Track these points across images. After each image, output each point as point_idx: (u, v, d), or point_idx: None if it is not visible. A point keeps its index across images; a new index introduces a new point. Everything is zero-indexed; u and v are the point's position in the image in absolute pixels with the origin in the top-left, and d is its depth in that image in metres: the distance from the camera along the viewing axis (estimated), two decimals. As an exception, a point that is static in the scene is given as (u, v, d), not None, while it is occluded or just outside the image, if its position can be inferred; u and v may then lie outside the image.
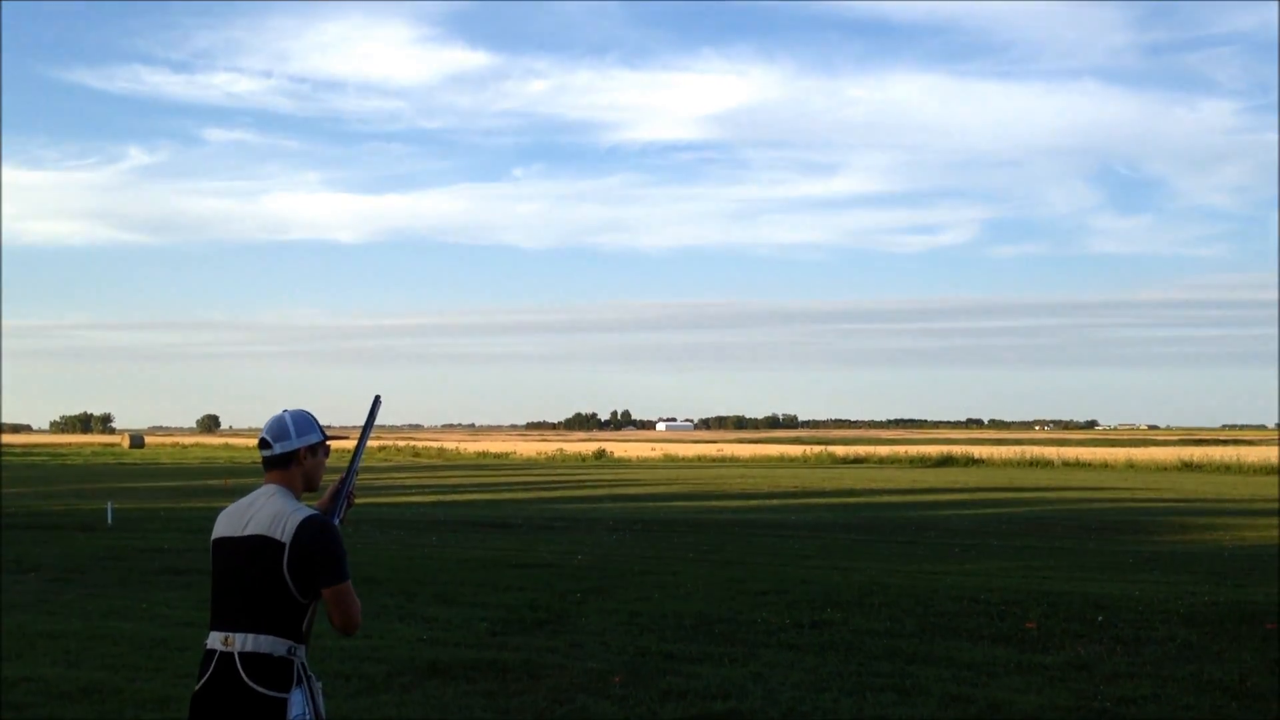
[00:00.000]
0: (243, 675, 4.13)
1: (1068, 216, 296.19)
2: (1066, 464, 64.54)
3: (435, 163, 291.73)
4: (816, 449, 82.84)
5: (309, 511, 4.30)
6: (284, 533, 4.21)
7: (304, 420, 4.46)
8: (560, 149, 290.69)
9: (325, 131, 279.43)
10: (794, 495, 38.62)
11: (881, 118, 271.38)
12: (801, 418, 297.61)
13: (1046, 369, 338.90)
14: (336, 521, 4.48)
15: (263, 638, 4.17)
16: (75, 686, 9.22)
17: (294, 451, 4.41)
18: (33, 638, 11.20)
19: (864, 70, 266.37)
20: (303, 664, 4.23)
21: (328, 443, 4.55)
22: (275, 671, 4.16)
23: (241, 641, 4.17)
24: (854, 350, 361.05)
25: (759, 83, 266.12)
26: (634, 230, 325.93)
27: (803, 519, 27.63)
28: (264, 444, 4.42)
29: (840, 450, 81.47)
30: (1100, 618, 12.49)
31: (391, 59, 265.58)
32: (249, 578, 4.22)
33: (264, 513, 4.28)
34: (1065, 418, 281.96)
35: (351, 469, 4.63)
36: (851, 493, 40.11)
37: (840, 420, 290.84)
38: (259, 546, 4.22)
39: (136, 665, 10.03)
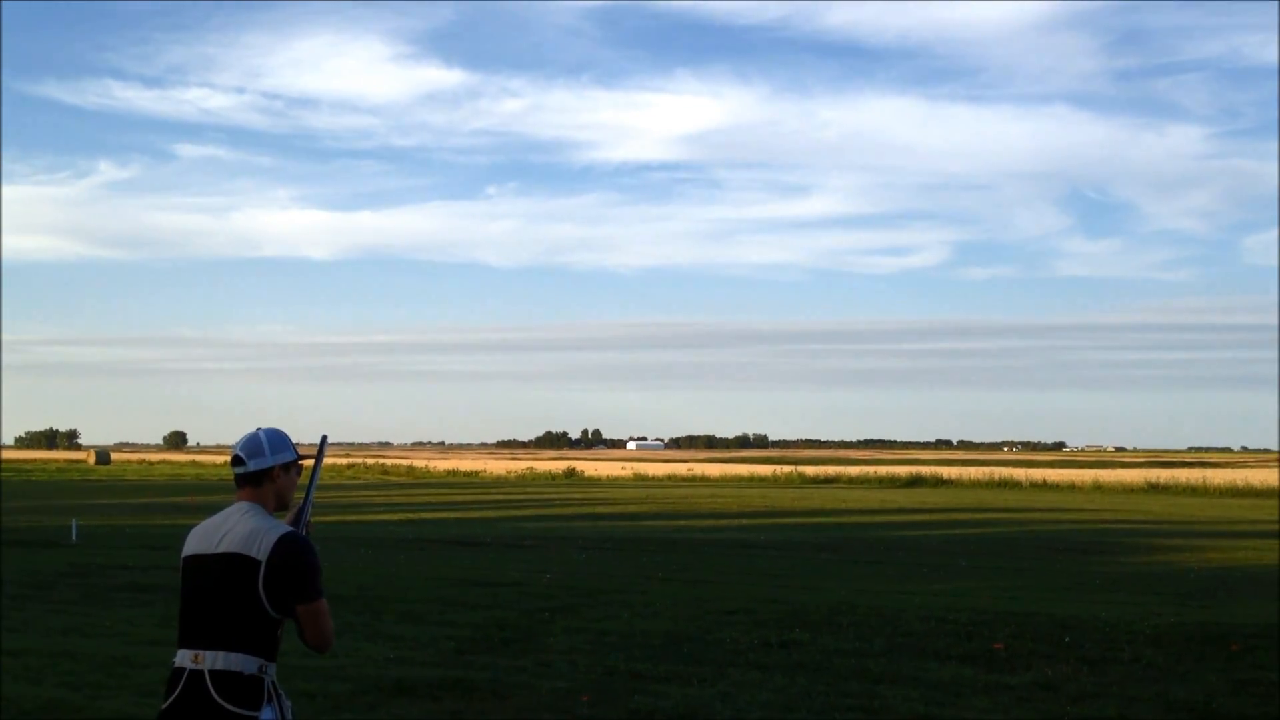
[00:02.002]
0: (213, 693, 4.09)
1: (1037, 239, 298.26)
2: (1034, 485, 64.85)
3: (408, 180, 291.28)
4: (786, 469, 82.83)
5: (286, 529, 4.27)
6: (260, 550, 4.18)
7: (278, 438, 4.44)
8: (534, 168, 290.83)
9: (298, 148, 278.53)
10: (763, 515, 38.64)
11: (854, 140, 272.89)
12: (772, 437, 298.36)
13: (1015, 390, 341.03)
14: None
15: (234, 655, 4.13)
16: (36, 704, 9.11)
17: (268, 469, 4.39)
18: (-7, 655, 11.05)
19: (837, 92, 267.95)
20: (273, 682, 4.20)
21: (300, 461, 4.52)
22: (246, 690, 4.12)
23: (212, 659, 4.13)
24: (825, 370, 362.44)
25: (733, 104, 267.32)
26: (607, 249, 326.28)
27: (772, 538, 27.64)
28: (237, 460, 4.38)
29: (810, 470, 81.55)
30: (1067, 638, 12.53)
31: (365, 77, 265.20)
32: (222, 595, 4.18)
33: (238, 530, 4.25)
34: (1033, 439, 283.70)
35: (305, 505, 4.56)
36: (821, 512, 40.17)
37: (810, 440, 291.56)
38: (233, 564, 4.18)
39: (99, 683, 9.91)
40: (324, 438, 4.80)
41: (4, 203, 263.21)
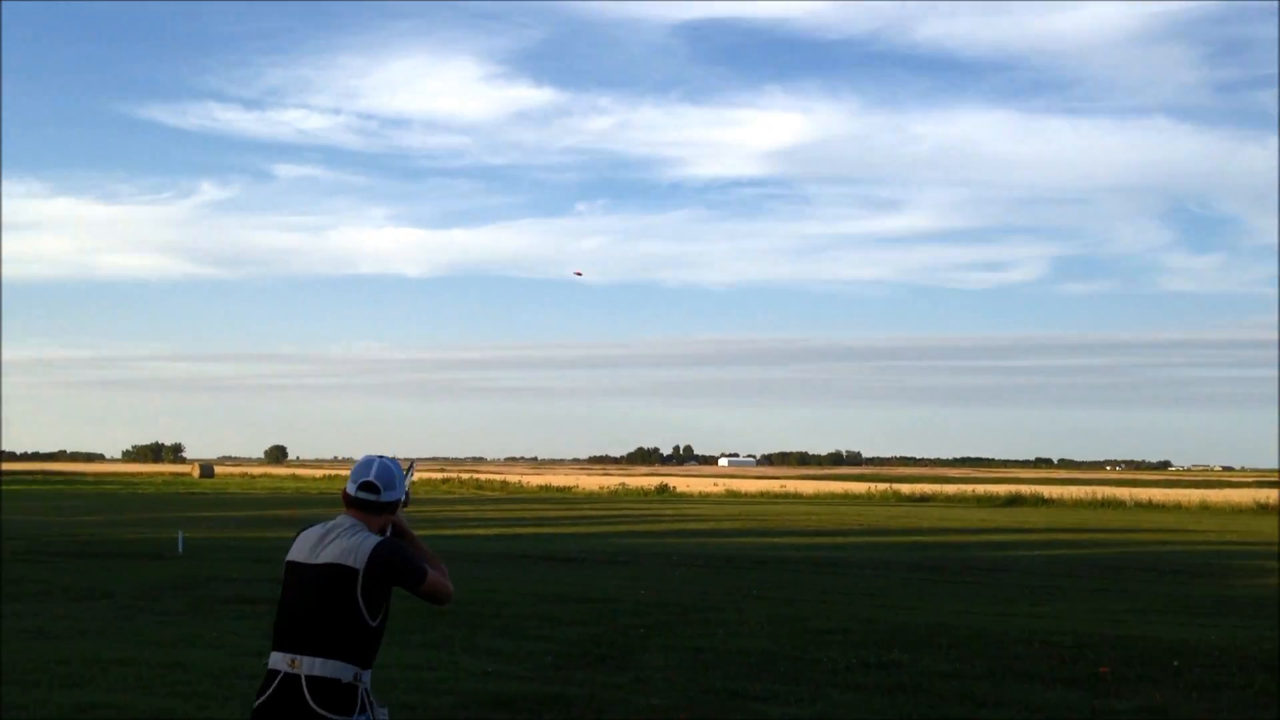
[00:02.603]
0: (308, 698, 4.18)
1: (1138, 254, 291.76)
2: (1139, 505, 63.43)
3: (500, 198, 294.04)
4: (881, 487, 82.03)
5: (379, 538, 4.44)
6: (358, 559, 4.32)
7: (402, 474, 4.66)
8: (624, 185, 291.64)
9: (392, 167, 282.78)
10: (858, 533, 38.28)
11: (947, 154, 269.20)
12: (866, 455, 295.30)
13: (1118, 408, 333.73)
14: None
15: (330, 662, 4.23)
16: (146, 713, 9.32)
17: (394, 502, 4.58)
18: (105, 664, 11.34)
19: (930, 106, 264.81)
20: (367, 690, 4.29)
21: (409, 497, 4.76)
22: (340, 696, 4.21)
23: (309, 665, 4.22)
24: (920, 388, 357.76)
25: (823, 119, 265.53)
26: (697, 266, 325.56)
27: (867, 557, 27.36)
28: (369, 487, 4.52)
29: (906, 488, 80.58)
30: (1175, 663, 12.22)
31: (458, 96, 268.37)
32: (322, 603, 4.29)
33: (340, 543, 4.37)
34: (1137, 458, 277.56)
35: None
36: (918, 531, 39.67)
37: (905, 458, 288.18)
38: (333, 573, 4.31)
39: (207, 693, 10.12)
40: (411, 463, 4.98)
41: (113, 223, 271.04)
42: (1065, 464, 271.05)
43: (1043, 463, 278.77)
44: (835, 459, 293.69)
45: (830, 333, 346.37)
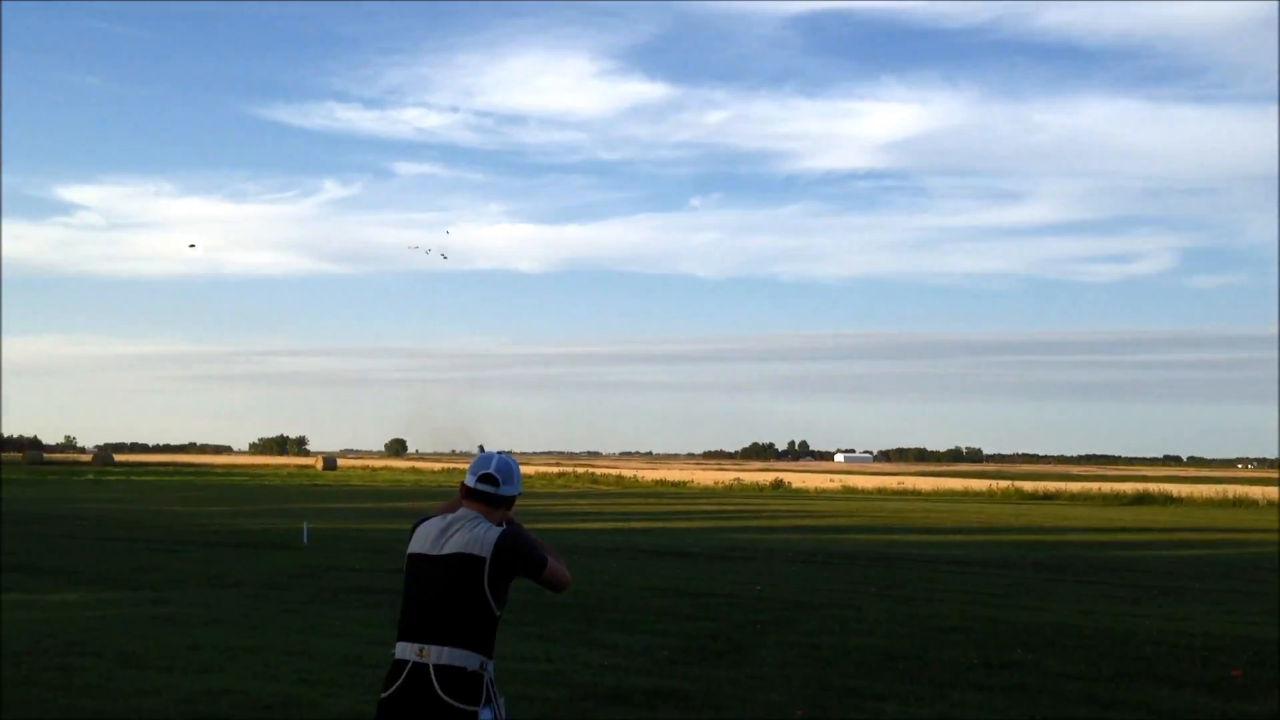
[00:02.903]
0: (436, 687, 4.25)
1: (1270, 245, 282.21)
2: (1271, 504, 61.34)
3: (614, 193, 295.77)
4: (1003, 484, 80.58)
5: (501, 527, 4.52)
6: (484, 548, 4.39)
7: (519, 471, 4.72)
8: (738, 179, 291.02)
9: (508, 164, 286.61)
10: (979, 531, 37.65)
11: (1070, 144, 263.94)
12: (986, 451, 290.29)
13: (1250, 404, 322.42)
14: None
15: (458, 651, 4.30)
16: (274, 699, 9.55)
17: (512, 497, 4.66)
18: (234, 651, 11.65)
19: (1052, 95, 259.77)
20: (490, 679, 4.34)
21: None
22: (468, 685, 4.27)
23: (437, 654, 4.30)
24: (1042, 382, 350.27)
25: (941, 110, 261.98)
26: (812, 259, 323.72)
27: (989, 555, 26.90)
28: (488, 479, 4.60)
29: (1028, 485, 79.06)
30: (1313, 668, 11.79)
31: (572, 92, 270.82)
32: (449, 593, 4.36)
33: (463, 534, 4.45)
34: (1270, 455, 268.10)
35: None
36: (1040, 529, 38.89)
37: (1028, 455, 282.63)
38: (460, 563, 4.39)
39: (332, 680, 10.34)
40: (480, 448, 5.06)
41: (239, 222, 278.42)
42: (1195, 461, 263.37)
43: (1171, 460, 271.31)
44: (954, 455, 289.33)
45: (949, 327, 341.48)
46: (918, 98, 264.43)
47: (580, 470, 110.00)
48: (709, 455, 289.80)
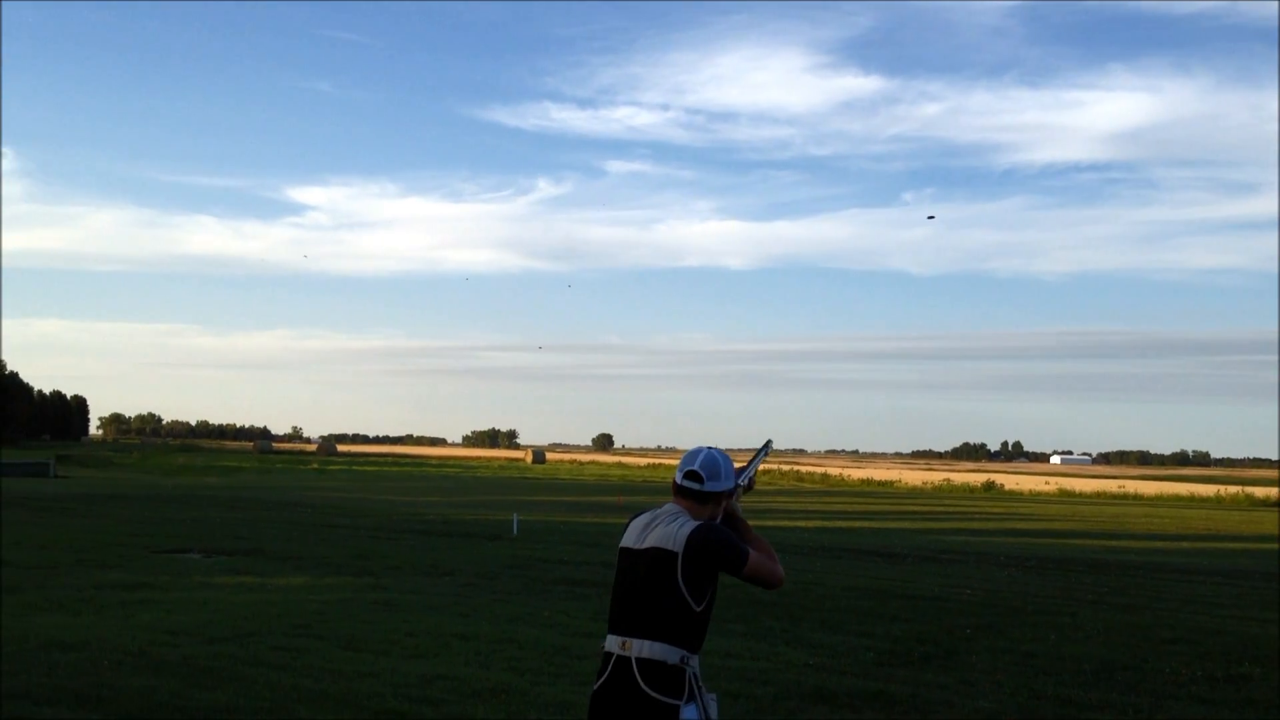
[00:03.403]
0: (639, 680, 4.30)
1: None
2: None
3: (824, 189, 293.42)
4: (1232, 489, 76.79)
5: (698, 521, 4.47)
6: (677, 543, 4.39)
7: (729, 466, 4.66)
8: (953, 172, 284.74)
9: (718, 161, 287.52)
10: (1205, 538, 35.93)
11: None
12: (1214, 455, 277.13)
13: None
14: (744, 483, 4.83)
15: (658, 645, 4.33)
16: (485, 686, 9.83)
17: (719, 493, 4.60)
18: (447, 638, 12.04)
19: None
20: (695, 674, 4.35)
21: (737, 488, 4.74)
22: (669, 679, 4.30)
23: (638, 647, 4.34)
24: (1275, 383, 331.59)
25: (1172, 98, 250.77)
26: (1030, 255, 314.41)
27: (1216, 564, 25.65)
28: (693, 476, 4.59)
29: (1259, 492, 75.09)
30: None
31: (784, 88, 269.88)
32: (648, 588, 4.41)
33: (662, 529, 4.47)
34: None
35: (752, 465, 5.00)
36: (1272, 538, 36.86)
37: (1259, 459, 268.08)
38: (656, 558, 4.42)
39: (540, 669, 10.57)
40: (768, 442, 5.11)
41: (457, 220, 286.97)
42: None
43: None
44: (1180, 459, 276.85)
45: (1176, 325, 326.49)
46: (1146, 86, 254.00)
47: (785, 468, 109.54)
48: (917, 455, 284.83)
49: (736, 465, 4.79)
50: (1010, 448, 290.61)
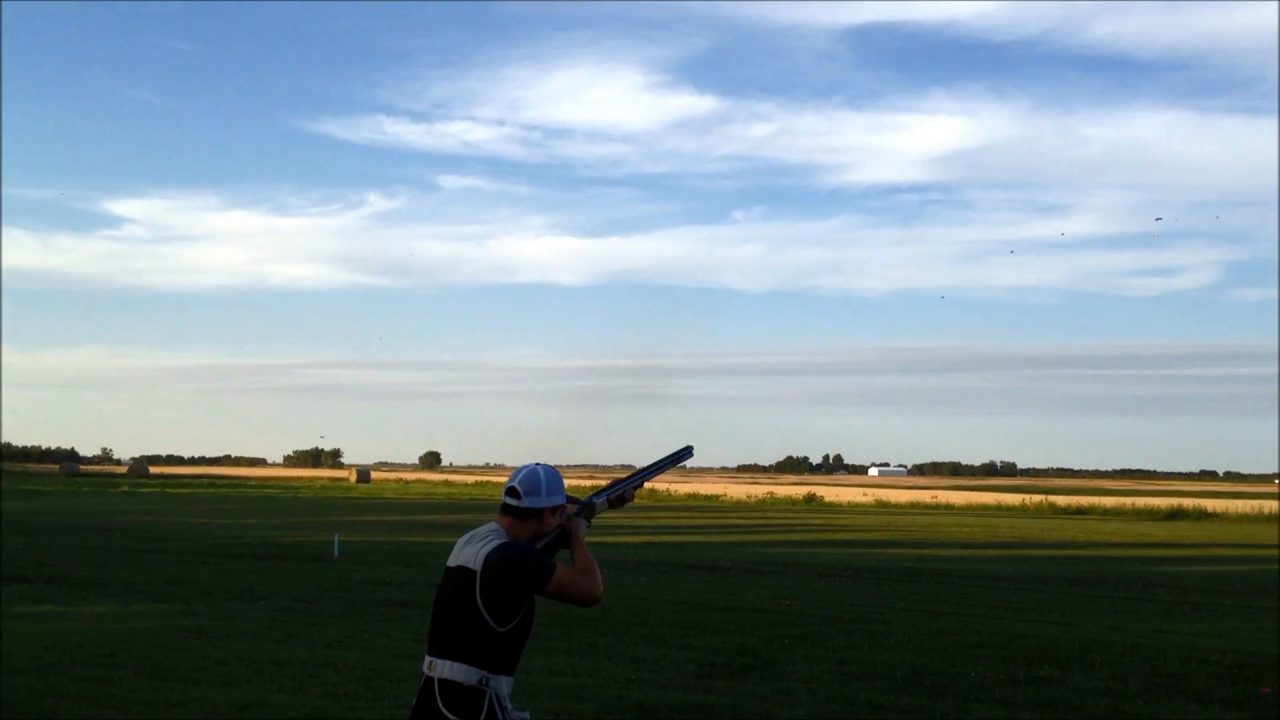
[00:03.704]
0: (438, 700, 4.27)
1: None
2: (1310, 519, 60.59)
3: (658, 206, 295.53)
4: (1036, 498, 79.98)
5: (502, 541, 4.40)
6: (477, 562, 4.35)
7: (555, 480, 4.58)
8: (781, 192, 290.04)
9: (553, 177, 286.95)
10: (1011, 546, 37.41)
11: (1118, 156, 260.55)
12: (1021, 465, 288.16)
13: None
14: (599, 498, 4.83)
15: (458, 665, 4.30)
16: (300, 713, 9.62)
17: (538, 510, 4.53)
18: (261, 664, 11.73)
19: (1100, 107, 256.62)
20: (497, 696, 4.29)
21: (567, 505, 4.66)
22: (466, 701, 4.27)
23: (441, 668, 4.32)
24: (1080, 396, 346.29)
25: (988, 122, 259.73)
26: (854, 273, 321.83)
27: (1020, 570, 26.73)
28: (512, 492, 4.53)
29: (1061, 500, 78.44)
30: (1346, 686, 11.67)
31: (620, 106, 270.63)
32: (451, 607, 4.39)
33: (472, 547, 4.44)
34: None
35: (629, 481, 5.02)
36: (1073, 545, 38.61)
37: (1062, 469, 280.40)
38: (460, 578, 4.39)
39: (358, 694, 10.39)
40: (689, 448, 5.10)
41: (283, 234, 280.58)
42: (1231, 477, 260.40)
43: (1207, 475, 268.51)
44: (989, 469, 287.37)
45: (990, 341, 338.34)
46: (965, 110, 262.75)
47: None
48: (743, 469, 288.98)
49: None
50: (831, 460, 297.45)
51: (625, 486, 4.95)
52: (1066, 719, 10.06)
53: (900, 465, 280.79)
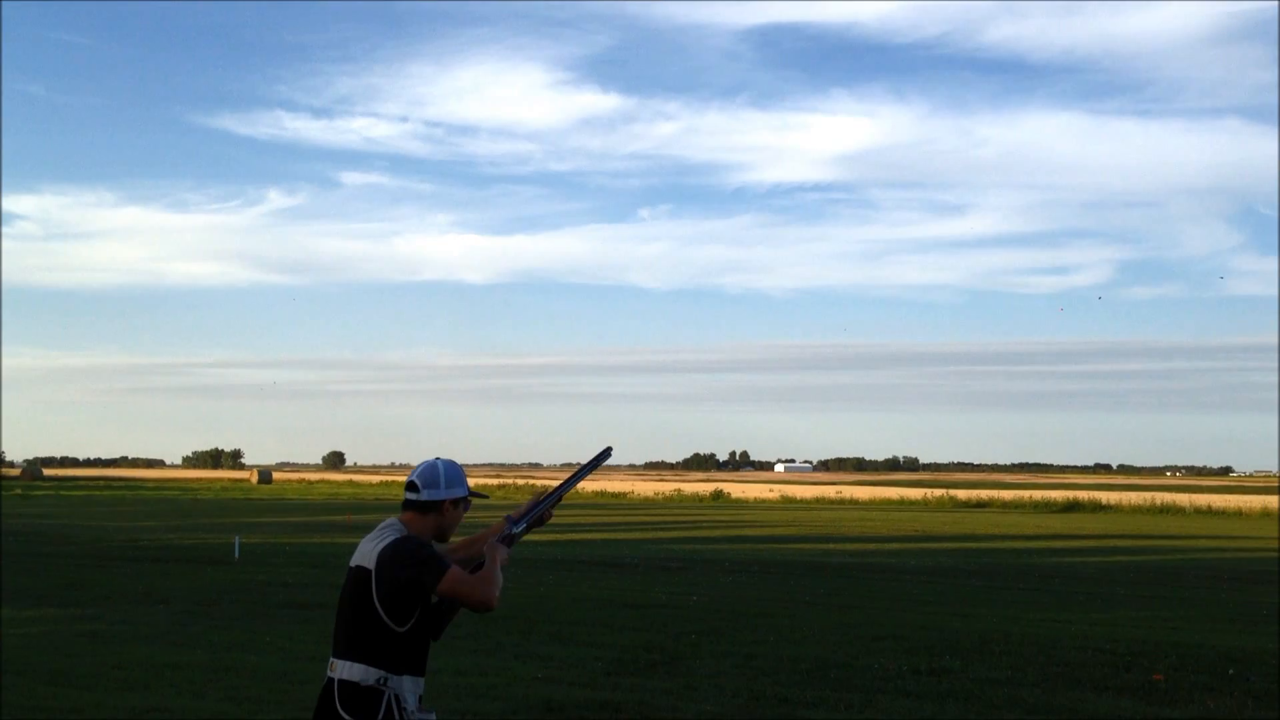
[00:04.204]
0: (336, 701, 4.24)
1: (1206, 257, 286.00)
2: (1199, 511, 62.47)
3: (563, 204, 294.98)
4: (938, 492, 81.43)
5: (397, 537, 4.34)
6: (371, 560, 4.30)
7: (455, 473, 4.52)
8: (687, 190, 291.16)
9: (457, 174, 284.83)
10: (913, 539, 38.02)
11: (1014, 157, 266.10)
12: (923, 460, 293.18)
13: (1180, 413, 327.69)
14: (518, 528, 4.68)
15: (356, 666, 4.26)
16: (200, 718, 9.46)
17: (438, 502, 4.47)
18: (160, 669, 11.51)
19: (997, 109, 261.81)
20: (396, 696, 4.25)
21: (470, 498, 4.60)
22: (363, 700, 4.23)
23: (340, 668, 4.28)
24: (980, 392, 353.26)
25: (889, 123, 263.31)
26: (758, 271, 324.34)
27: (922, 563, 27.18)
28: (411, 486, 4.49)
29: (962, 494, 79.94)
30: (1232, 670, 12.05)
31: (524, 103, 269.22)
32: (350, 607, 4.35)
33: (369, 545, 4.39)
34: (1198, 464, 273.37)
35: (548, 499, 4.90)
36: (973, 537, 39.34)
37: (963, 464, 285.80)
38: (357, 577, 4.35)
39: (260, 698, 10.24)
40: (608, 449, 4.99)
41: (180, 231, 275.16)
42: (1125, 469, 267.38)
43: (1102, 468, 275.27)
44: (892, 464, 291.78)
45: (892, 338, 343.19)
46: (866, 111, 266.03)
47: (521, 482, 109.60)
48: (650, 466, 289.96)
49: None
50: (738, 457, 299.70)
51: (544, 508, 4.86)
52: (967, 709, 10.25)
53: (806, 461, 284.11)
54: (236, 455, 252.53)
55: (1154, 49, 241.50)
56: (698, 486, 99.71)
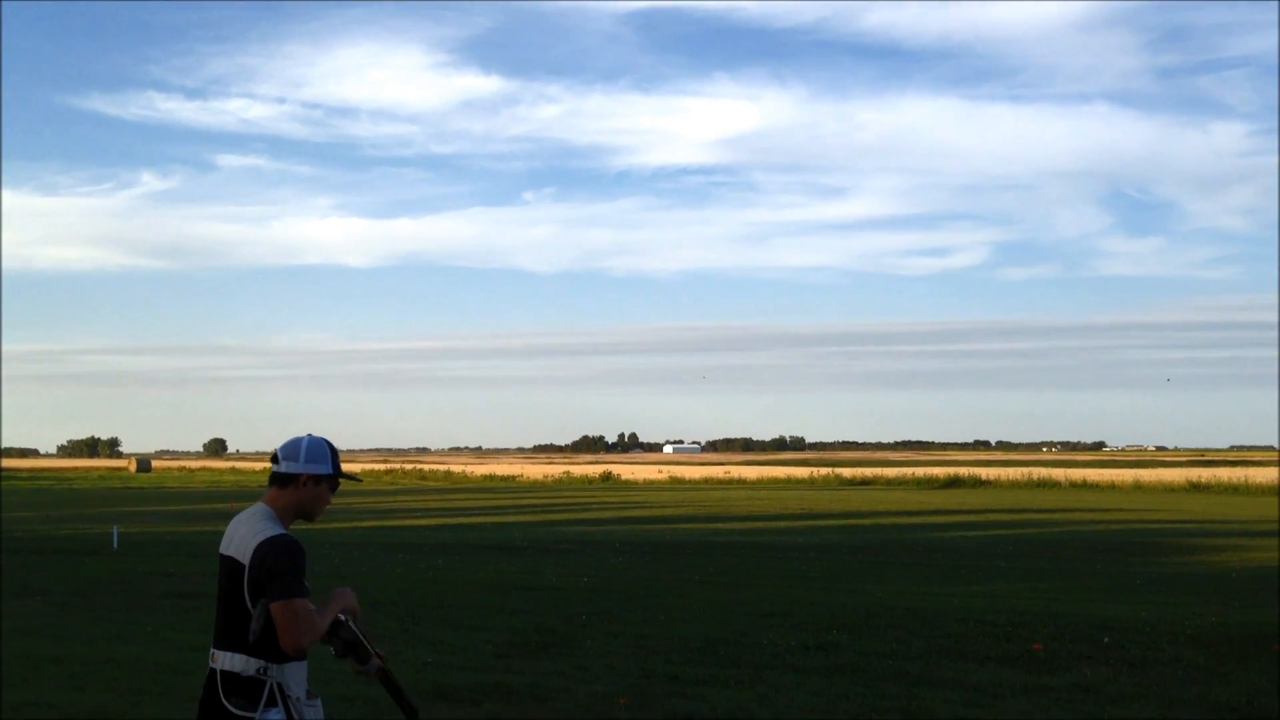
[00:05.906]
0: (220, 692, 4.18)
1: (1078, 239, 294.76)
2: (1074, 485, 64.45)
3: (447, 187, 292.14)
4: (824, 471, 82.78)
5: (273, 533, 4.26)
6: (244, 554, 4.24)
7: (319, 448, 4.44)
8: (571, 173, 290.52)
9: (338, 157, 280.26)
10: (800, 517, 38.56)
11: (892, 141, 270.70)
12: (809, 440, 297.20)
13: (1055, 391, 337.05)
14: (346, 631, 4.36)
15: (236, 656, 4.20)
16: (80, 711, 9.22)
17: (296, 475, 4.40)
18: (38, 662, 11.19)
19: (875, 94, 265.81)
20: (279, 684, 4.20)
21: (338, 479, 4.50)
22: (246, 690, 4.19)
23: (221, 659, 4.22)
24: (863, 372, 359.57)
25: (770, 107, 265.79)
26: (644, 254, 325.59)
27: (809, 541, 27.58)
28: (274, 459, 4.46)
29: (847, 472, 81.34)
30: (1107, 639, 12.45)
31: (405, 85, 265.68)
32: (225, 597, 4.29)
33: (239, 532, 4.33)
34: (1073, 439, 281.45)
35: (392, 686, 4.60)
36: (858, 514, 40.05)
37: (848, 442, 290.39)
38: (230, 568, 4.28)
39: (141, 690, 10.02)
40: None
41: (50, 215, 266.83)
42: (1003, 446, 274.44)
43: (981, 445, 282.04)
44: (779, 444, 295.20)
45: (775, 319, 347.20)
46: (747, 95, 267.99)
47: (408, 467, 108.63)
48: (539, 449, 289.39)
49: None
50: (627, 439, 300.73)
51: (365, 649, 4.41)
52: (854, 682, 10.43)
53: (694, 442, 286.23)
54: (114, 444, 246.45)
55: (1025, 36, 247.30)
56: (587, 469, 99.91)
